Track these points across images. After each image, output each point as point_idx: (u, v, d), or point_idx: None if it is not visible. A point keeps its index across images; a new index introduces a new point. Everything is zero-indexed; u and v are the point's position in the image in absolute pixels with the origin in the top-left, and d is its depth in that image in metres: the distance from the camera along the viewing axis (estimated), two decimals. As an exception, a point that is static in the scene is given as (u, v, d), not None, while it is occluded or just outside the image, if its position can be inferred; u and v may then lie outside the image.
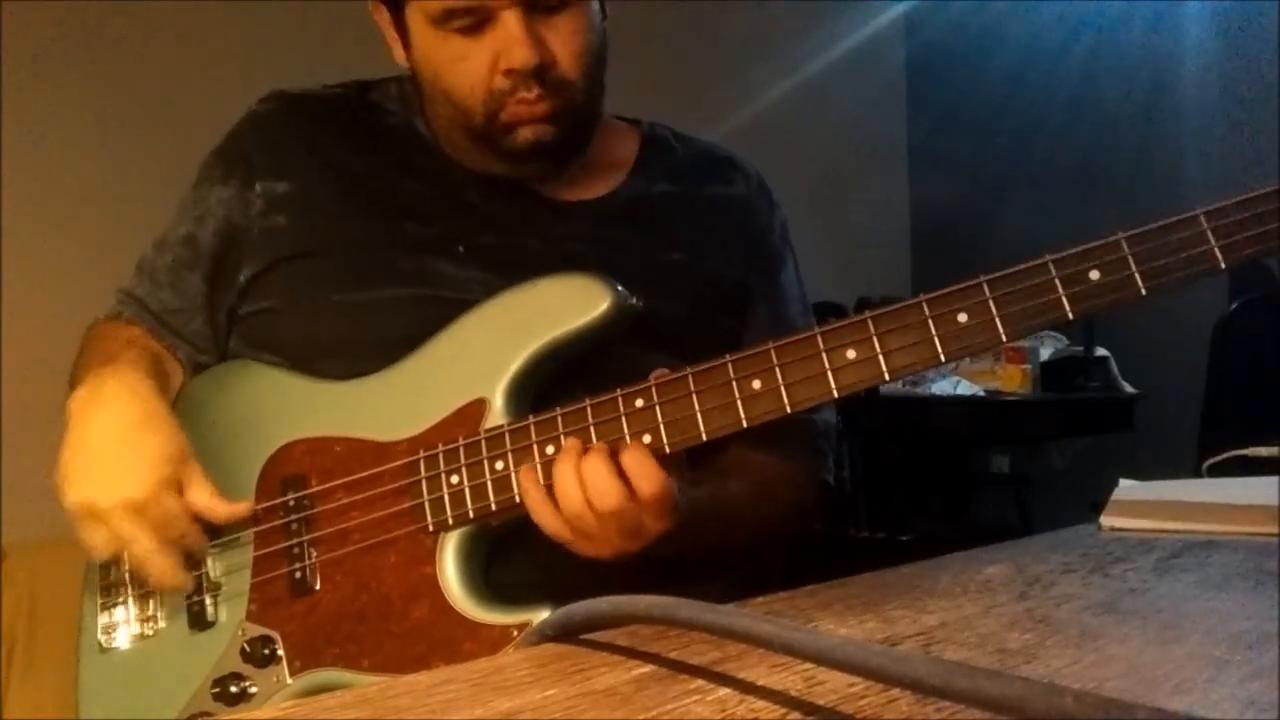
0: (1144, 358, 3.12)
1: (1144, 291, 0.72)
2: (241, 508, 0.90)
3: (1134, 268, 0.72)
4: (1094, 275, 0.73)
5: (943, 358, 0.77)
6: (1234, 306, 2.81)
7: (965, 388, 2.94)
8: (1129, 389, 3.04)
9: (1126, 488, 0.89)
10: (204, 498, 0.89)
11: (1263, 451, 1.01)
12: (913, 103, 4.13)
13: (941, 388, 2.96)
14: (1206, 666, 0.45)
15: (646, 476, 0.81)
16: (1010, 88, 3.74)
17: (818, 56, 3.65)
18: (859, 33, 3.83)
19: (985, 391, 2.94)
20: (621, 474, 0.81)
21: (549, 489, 0.83)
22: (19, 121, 2.15)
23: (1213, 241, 0.71)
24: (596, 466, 0.81)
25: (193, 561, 0.91)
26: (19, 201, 2.14)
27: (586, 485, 0.81)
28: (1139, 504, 0.83)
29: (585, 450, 0.82)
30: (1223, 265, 0.71)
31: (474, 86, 0.93)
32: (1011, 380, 2.93)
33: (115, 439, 0.87)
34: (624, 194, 1.04)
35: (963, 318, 0.76)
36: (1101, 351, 3.02)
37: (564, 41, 0.93)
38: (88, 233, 2.17)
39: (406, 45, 0.98)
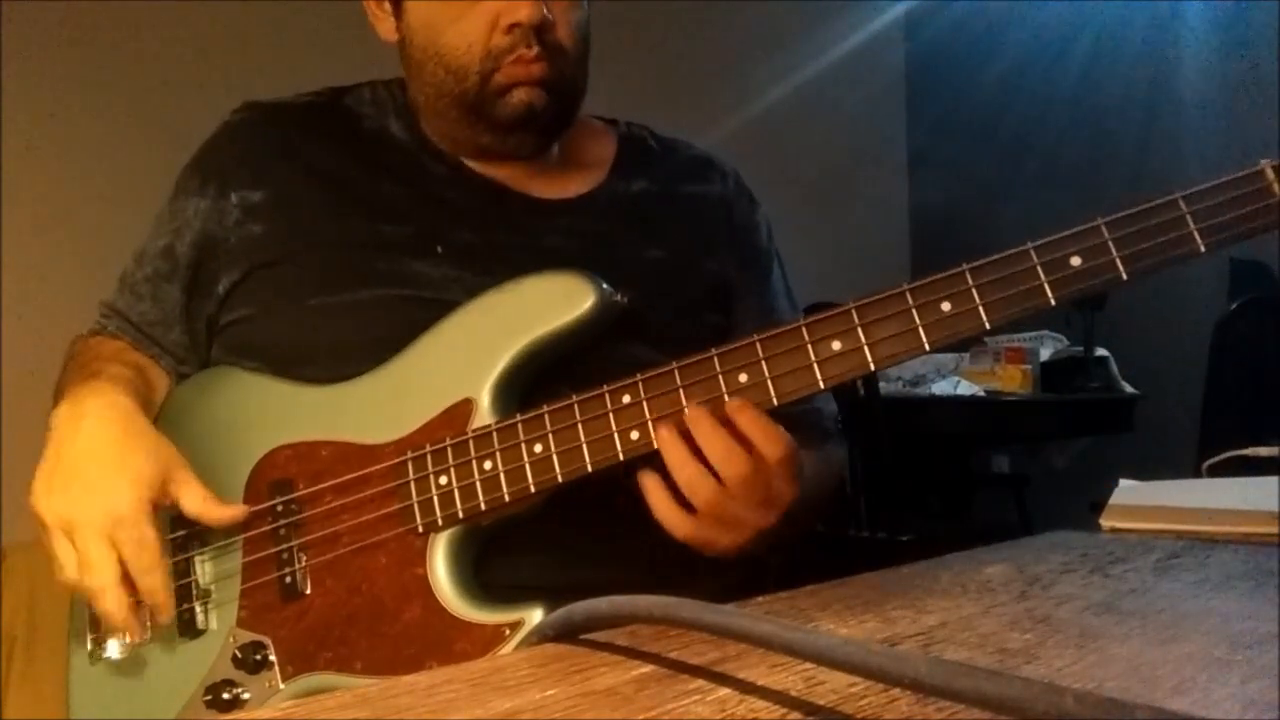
0: (1144, 358, 3.12)
1: (1125, 276, 0.73)
2: (236, 510, 0.90)
3: (1114, 253, 0.73)
4: (1075, 261, 0.74)
5: (927, 346, 0.77)
6: (1234, 307, 2.81)
7: (965, 388, 2.94)
8: (1129, 389, 3.04)
9: (1126, 488, 0.89)
10: (196, 502, 0.88)
11: (1263, 451, 1.01)
12: (912, 103, 4.13)
13: (941, 388, 2.95)
14: (1206, 666, 0.45)
15: (768, 438, 0.81)
16: (1010, 88, 3.73)
17: (818, 56, 3.65)
18: (859, 33, 3.82)
19: (985, 391, 2.93)
20: (740, 438, 0.80)
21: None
22: (19, 121, 2.15)
23: (1191, 225, 0.72)
24: (711, 434, 0.80)
25: (182, 568, 0.91)
26: (19, 201, 2.14)
27: (710, 458, 0.80)
28: (1139, 508, 0.83)
29: (691, 425, 0.80)
30: (1202, 248, 0.72)
31: (472, 44, 0.93)
32: (1011, 380, 2.93)
33: (95, 456, 0.86)
34: (603, 193, 1.04)
35: (946, 306, 0.77)
36: (1101, 351, 3.01)
37: (561, 10, 0.95)
38: (88, 233, 2.17)
39: (398, 14, 0.99)
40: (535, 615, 0.82)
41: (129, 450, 0.87)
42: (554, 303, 0.88)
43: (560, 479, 0.84)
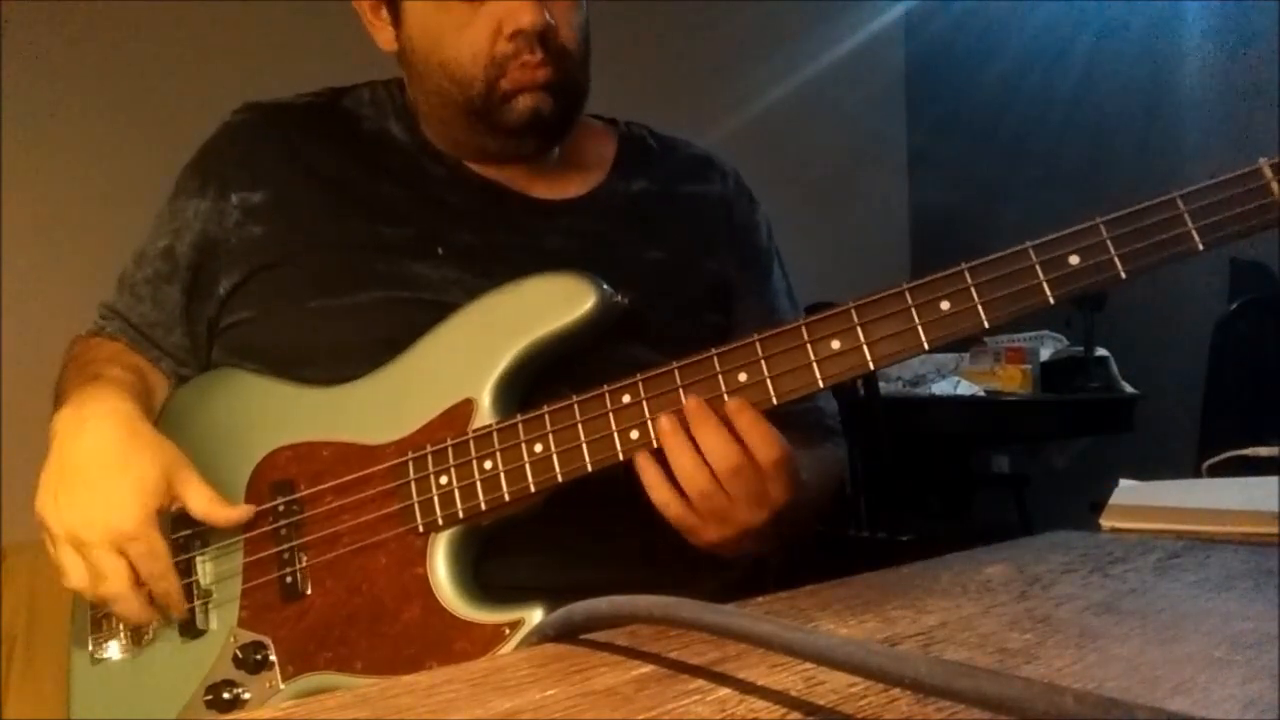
0: (1144, 358, 3.12)
1: (1123, 275, 0.73)
2: (242, 511, 0.90)
3: (1113, 251, 0.73)
4: (1073, 260, 0.74)
5: (926, 345, 0.77)
6: (1234, 307, 2.82)
7: (965, 388, 2.94)
8: (1129, 389, 3.04)
9: (1126, 488, 0.89)
10: (203, 504, 0.88)
11: (1262, 451, 1.01)
12: (912, 103, 4.13)
13: (941, 388, 2.95)
14: (1206, 666, 0.45)
15: (764, 441, 0.81)
16: (1010, 88, 3.73)
17: (818, 56, 3.65)
18: (859, 33, 3.82)
19: (985, 391, 2.93)
20: (736, 438, 0.81)
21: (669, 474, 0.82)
22: (19, 121, 2.15)
23: (1189, 224, 0.72)
24: (707, 429, 0.80)
25: (184, 568, 0.91)
26: (19, 201, 2.14)
27: (705, 451, 0.81)
28: (1139, 508, 0.83)
29: (689, 417, 0.81)
30: (1200, 247, 0.72)
31: (476, 53, 0.93)
32: (1011, 380, 2.93)
33: (99, 463, 0.86)
34: (603, 193, 1.04)
35: (945, 305, 0.77)
36: (1101, 351, 3.01)
37: (562, 13, 0.95)
38: (88, 233, 2.17)
39: (397, 24, 0.98)
40: (535, 615, 0.82)
41: (132, 454, 0.87)
42: (555, 304, 0.88)
43: (560, 478, 0.84)
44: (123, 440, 0.87)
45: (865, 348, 0.78)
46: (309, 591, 0.89)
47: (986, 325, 0.76)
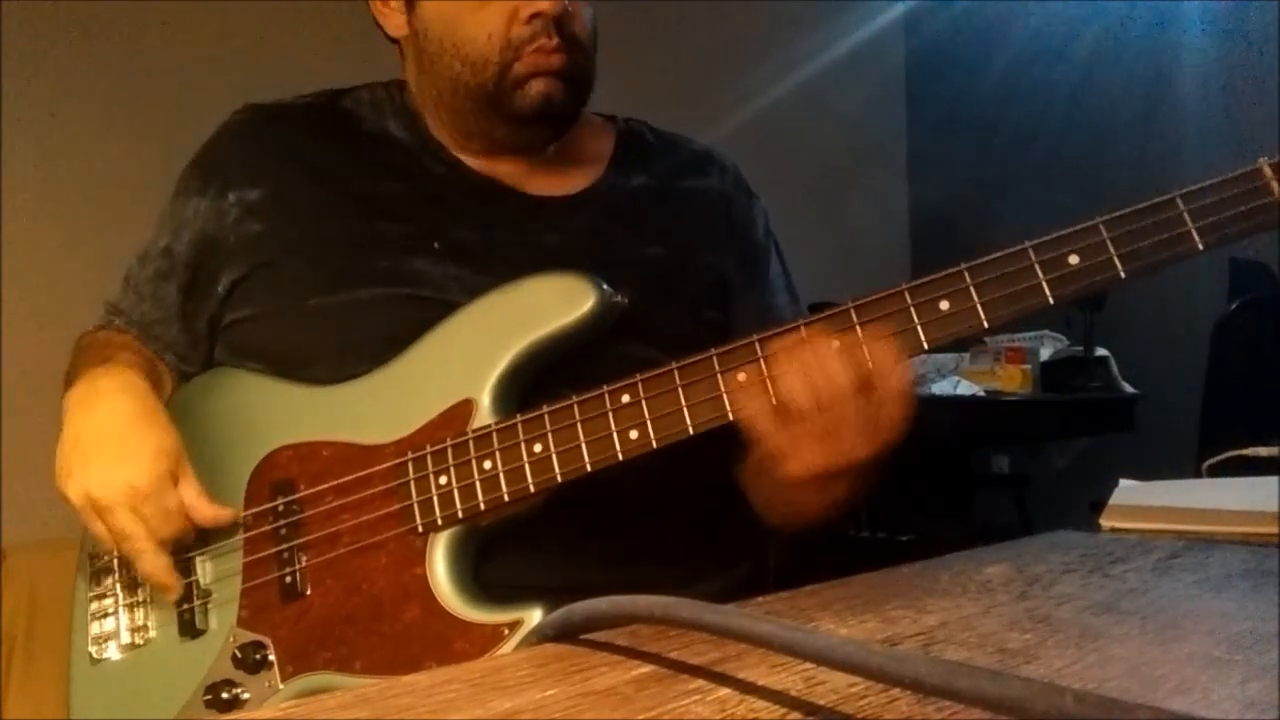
0: (1144, 358, 3.12)
1: (1123, 275, 0.73)
2: (224, 513, 0.91)
3: (1112, 251, 0.73)
4: (1073, 260, 0.74)
5: (926, 345, 0.77)
6: (1234, 306, 2.81)
7: (965, 388, 2.93)
8: (1129, 389, 3.04)
9: (1126, 488, 0.89)
10: (190, 496, 0.89)
11: (1263, 451, 1.01)
12: (913, 102, 4.13)
13: (941, 388, 2.95)
14: (1206, 666, 0.45)
15: (891, 368, 0.77)
16: (1010, 88, 3.73)
17: (818, 56, 3.65)
18: (859, 33, 3.82)
19: (985, 391, 2.93)
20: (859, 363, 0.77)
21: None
22: (19, 121, 2.15)
23: (1190, 223, 0.72)
24: (828, 356, 0.76)
25: (183, 568, 0.91)
26: (19, 202, 2.14)
27: (820, 374, 0.77)
28: (1139, 508, 0.83)
29: (810, 344, 0.77)
30: (1200, 247, 0.72)
31: (492, 34, 0.94)
32: (1011, 380, 2.93)
33: (113, 433, 0.88)
34: (601, 189, 1.04)
35: (945, 305, 0.77)
36: (1101, 351, 3.01)
37: (574, 4, 0.95)
38: (88, 233, 2.17)
39: (409, 9, 0.99)
40: (535, 615, 0.82)
41: (145, 423, 0.89)
42: (555, 304, 0.88)
43: (560, 479, 0.84)
44: (135, 412, 0.89)
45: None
46: (308, 591, 0.89)
47: (986, 325, 0.76)
